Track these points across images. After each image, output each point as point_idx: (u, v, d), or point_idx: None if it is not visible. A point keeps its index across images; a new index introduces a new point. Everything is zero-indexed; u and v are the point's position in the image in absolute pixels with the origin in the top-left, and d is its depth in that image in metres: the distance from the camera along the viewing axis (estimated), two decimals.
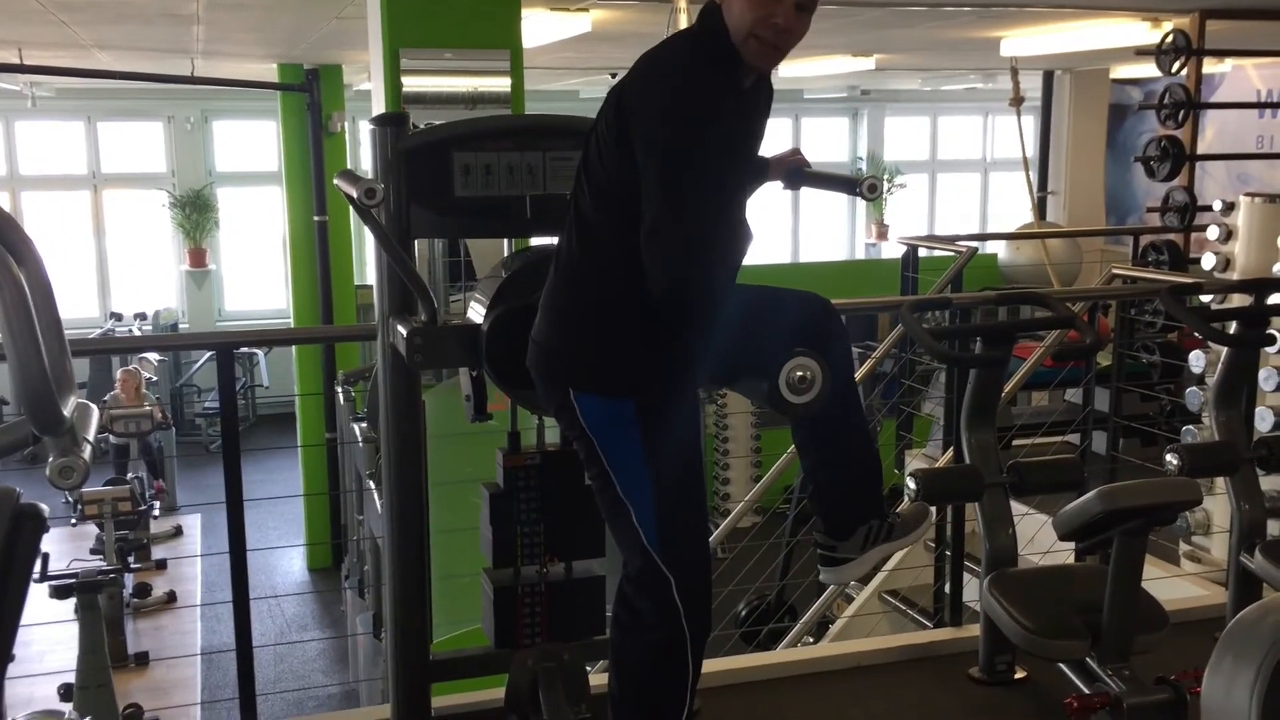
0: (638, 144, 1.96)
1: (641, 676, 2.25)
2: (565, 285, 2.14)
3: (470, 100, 4.51)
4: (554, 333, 2.15)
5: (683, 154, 1.92)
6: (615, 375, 2.10)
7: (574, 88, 11.63)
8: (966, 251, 5.52)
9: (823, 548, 2.52)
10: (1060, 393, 6.23)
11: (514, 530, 2.58)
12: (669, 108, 1.95)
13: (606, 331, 2.10)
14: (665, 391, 2.11)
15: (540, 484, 2.58)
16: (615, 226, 2.03)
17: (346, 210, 9.23)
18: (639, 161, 1.96)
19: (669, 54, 2.05)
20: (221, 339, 3.10)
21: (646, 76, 2.02)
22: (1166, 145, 5.68)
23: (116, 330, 11.46)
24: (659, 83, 2.00)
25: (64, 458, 1.84)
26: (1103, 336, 3.82)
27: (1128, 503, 2.57)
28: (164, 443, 9.82)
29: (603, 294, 2.09)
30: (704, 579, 2.20)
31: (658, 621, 2.16)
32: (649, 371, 2.10)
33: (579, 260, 2.11)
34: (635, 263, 1.98)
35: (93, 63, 7.97)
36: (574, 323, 2.13)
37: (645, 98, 1.99)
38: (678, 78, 1.98)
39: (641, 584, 2.17)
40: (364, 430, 6.63)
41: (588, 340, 2.12)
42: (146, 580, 7.90)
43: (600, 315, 2.10)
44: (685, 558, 2.15)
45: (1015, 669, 3.17)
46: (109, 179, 12.25)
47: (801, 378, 2.15)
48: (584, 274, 2.11)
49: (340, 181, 2.28)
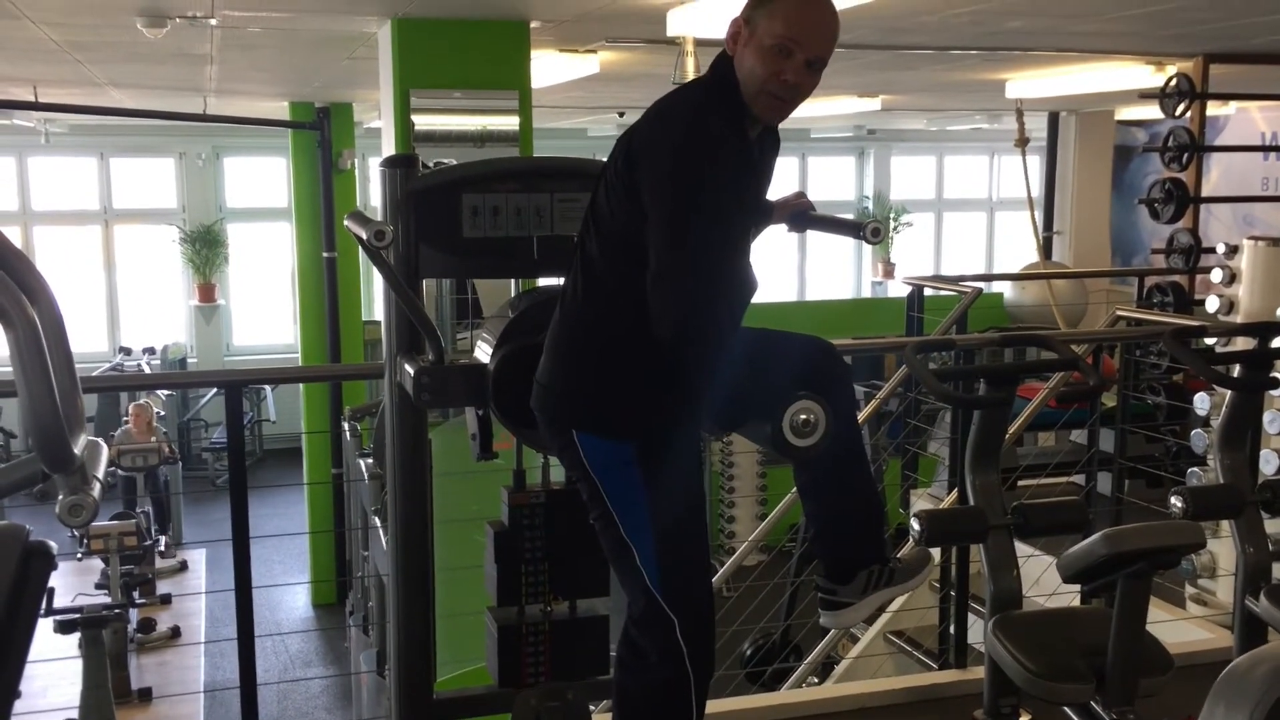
0: (645, 190, 1.99)
1: (645, 717, 2.25)
2: (570, 327, 2.16)
3: (479, 139, 4.56)
4: (558, 374, 2.17)
5: (689, 201, 1.95)
6: (618, 417, 2.12)
7: (582, 126, 11.72)
8: (972, 292, 5.54)
9: (823, 591, 2.52)
10: (1065, 433, 6.23)
11: (518, 568, 2.58)
12: (676, 155, 1.98)
13: (610, 373, 2.12)
14: (668, 434, 2.13)
15: (545, 522, 2.58)
16: (621, 270, 2.06)
17: (355, 247, 9.26)
18: (646, 207, 1.99)
19: (679, 103, 2.09)
20: (230, 377, 3.12)
21: (656, 125, 2.05)
22: (1171, 187, 5.72)
23: (125, 365, 11.51)
24: (667, 131, 2.03)
25: (73, 496, 1.86)
26: (1107, 378, 3.83)
27: (1131, 546, 2.57)
28: (170, 477, 9.84)
29: (607, 336, 2.11)
30: (707, 620, 2.21)
31: (661, 662, 2.17)
32: (652, 414, 2.11)
33: (584, 302, 2.14)
34: (640, 306, 2.00)
35: (106, 100, 8.06)
36: (578, 364, 2.15)
37: (653, 145, 2.02)
38: (686, 126, 2.01)
39: (645, 625, 2.17)
40: (370, 466, 6.64)
41: (591, 382, 2.14)
42: (151, 615, 7.89)
43: (604, 357, 2.12)
44: (688, 599, 2.16)
45: (1020, 712, 3.15)
46: (120, 214, 12.34)
47: (805, 421, 2.17)
48: (589, 316, 2.13)
49: (350, 223, 2.31)
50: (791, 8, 2.04)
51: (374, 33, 4.56)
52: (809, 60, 2.04)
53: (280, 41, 5.31)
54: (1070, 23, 4.96)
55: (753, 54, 2.05)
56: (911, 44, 5.32)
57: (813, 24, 2.05)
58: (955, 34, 5.20)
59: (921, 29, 4.93)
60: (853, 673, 4.92)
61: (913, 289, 6.01)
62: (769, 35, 2.03)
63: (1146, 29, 5.16)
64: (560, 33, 4.82)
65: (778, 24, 2.03)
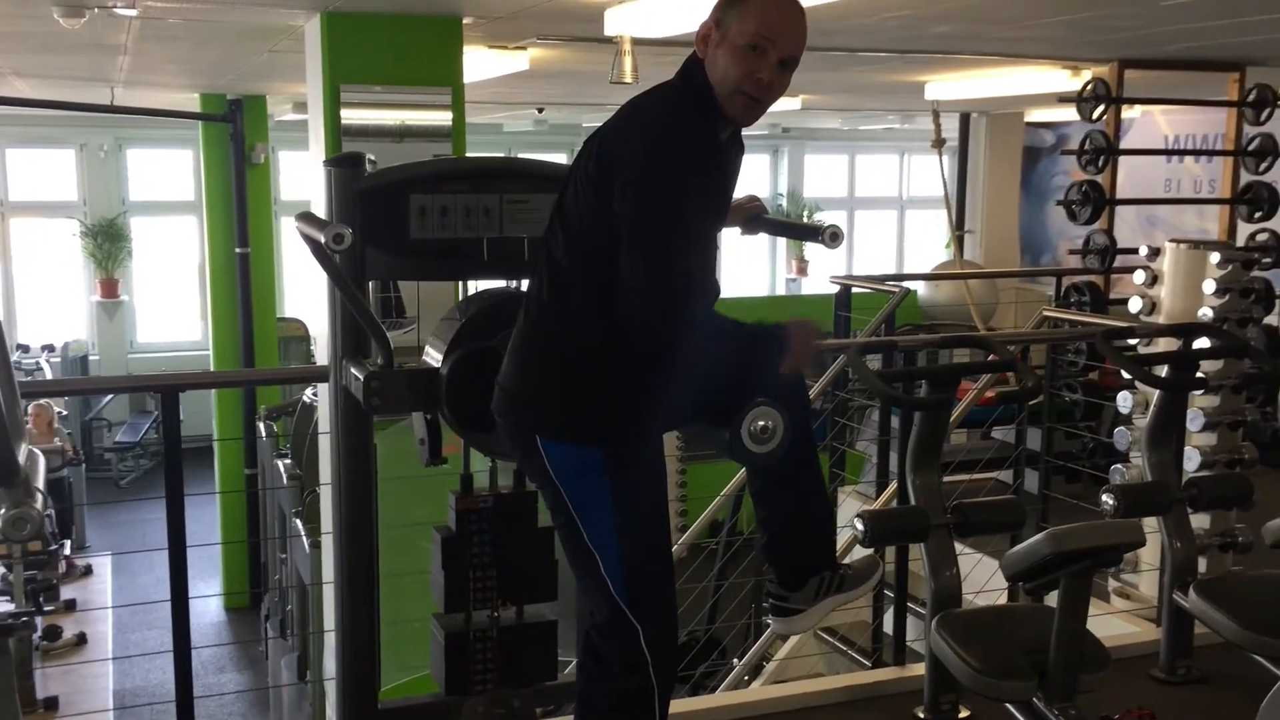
0: (617, 194, 1.97)
1: (606, 710, 2.22)
2: (535, 332, 2.13)
3: (409, 134, 4.48)
4: (522, 379, 2.13)
5: (663, 205, 1.94)
6: (583, 423, 2.09)
7: (498, 121, 11.63)
8: (900, 292, 5.61)
9: (774, 598, 2.52)
10: (976, 431, 6.35)
11: (466, 574, 2.54)
12: (650, 160, 1.97)
13: (576, 379, 2.10)
14: (634, 440, 2.11)
15: (493, 527, 2.55)
16: (589, 275, 2.04)
17: (270, 242, 9.10)
18: (617, 211, 1.96)
19: (650, 106, 2.07)
20: (167, 381, 3.02)
21: (628, 129, 2.03)
22: (1088, 190, 5.85)
23: (23, 363, 11.11)
24: (640, 135, 2.01)
25: (17, 509, 1.79)
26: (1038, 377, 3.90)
27: (1076, 545, 2.62)
28: (73, 479, 9.53)
29: (574, 342, 2.09)
30: (671, 628, 2.20)
31: (624, 671, 2.15)
32: (618, 420, 2.09)
33: (550, 307, 2.11)
34: (607, 311, 1.99)
35: (8, 89, 7.76)
36: (543, 370, 2.12)
37: (626, 149, 2.00)
38: (660, 130, 2.00)
39: (608, 633, 2.15)
40: (288, 467, 6.51)
41: (557, 388, 2.11)
42: (56, 623, 7.62)
43: (570, 363, 2.10)
44: (652, 607, 2.15)
45: (960, 708, 3.20)
46: (17, 207, 11.92)
47: (764, 428, 2.17)
48: (555, 322, 2.10)
49: (302, 224, 2.24)
50: (764, 6, 2.05)
51: (300, 25, 4.45)
52: (782, 59, 2.05)
53: (200, 33, 5.16)
54: (993, 28, 5.05)
55: (725, 54, 2.04)
56: (839, 45, 5.37)
57: (785, 22, 2.06)
58: (882, 37, 5.25)
59: (851, 31, 4.97)
60: (784, 672, 4.95)
61: (841, 288, 6.06)
62: (741, 35, 2.03)
63: (1065, 35, 5.28)
64: (492, 29, 4.76)
65: (750, 23, 2.03)
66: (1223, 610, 3.16)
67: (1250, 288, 4.05)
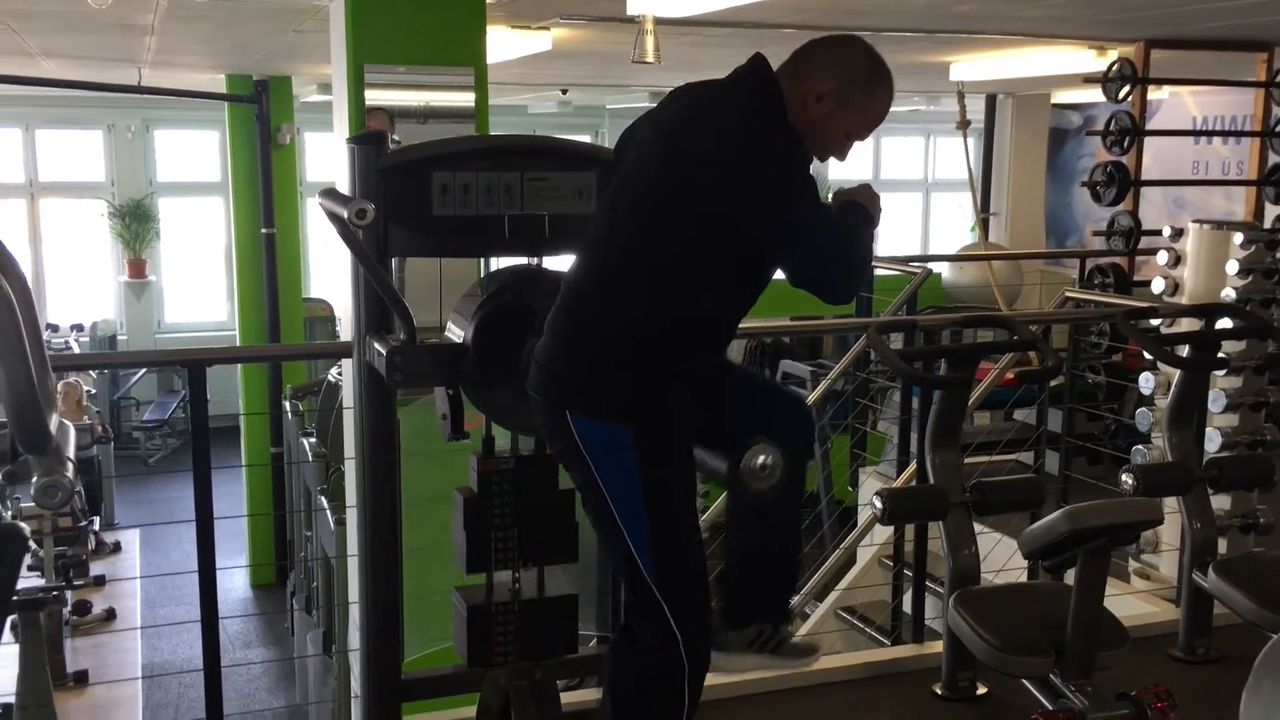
0: (748, 199, 2.06)
1: (634, 705, 2.24)
2: (578, 312, 2.15)
3: (427, 115, 4.50)
4: (562, 356, 2.15)
5: (808, 195, 2.09)
6: (617, 402, 2.12)
7: (523, 103, 11.63)
8: (921, 273, 5.61)
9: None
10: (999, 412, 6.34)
11: (488, 535, 2.56)
12: (781, 163, 2.10)
13: (614, 360, 2.12)
14: (666, 421, 2.14)
15: (514, 488, 2.56)
16: (641, 263, 2.10)
17: (295, 223, 9.16)
18: (748, 214, 2.06)
19: (771, 123, 2.12)
20: (190, 356, 3.07)
21: (752, 159, 2.08)
22: (1113, 170, 5.82)
23: (53, 342, 11.23)
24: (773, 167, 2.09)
25: (49, 477, 1.82)
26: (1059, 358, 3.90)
27: (1094, 522, 2.63)
28: (102, 457, 9.64)
29: (618, 323, 2.12)
30: (701, 607, 2.20)
31: (654, 649, 2.17)
32: (652, 400, 2.13)
33: (596, 290, 2.15)
34: (659, 297, 2.08)
35: (37, 70, 7.82)
36: (583, 347, 2.14)
37: (747, 157, 2.07)
38: (786, 162, 2.11)
39: (639, 611, 2.18)
40: (314, 445, 6.56)
41: (595, 365, 2.13)
42: (86, 598, 7.73)
43: (610, 344, 2.12)
44: (682, 585, 2.16)
45: (978, 685, 3.23)
46: (46, 188, 12.02)
47: (763, 465, 2.22)
48: (600, 304, 2.14)
49: (326, 201, 2.27)
50: (883, 110, 2.23)
51: (325, 5, 4.47)
52: None
53: (226, 13, 5.19)
54: (1018, 7, 5.02)
55: (830, 128, 2.18)
56: (864, 26, 5.34)
57: (884, 119, 2.27)
58: (907, 16, 5.23)
59: (876, 11, 4.96)
60: None
61: None
62: (852, 125, 2.20)
63: (1091, 14, 5.24)
64: (514, 9, 4.77)
65: (865, 120, 2.22)
66: (1242, 590, 3.17)
67: (1274, 269, 4.04)
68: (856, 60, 2.18)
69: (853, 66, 2.17)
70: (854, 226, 2.19)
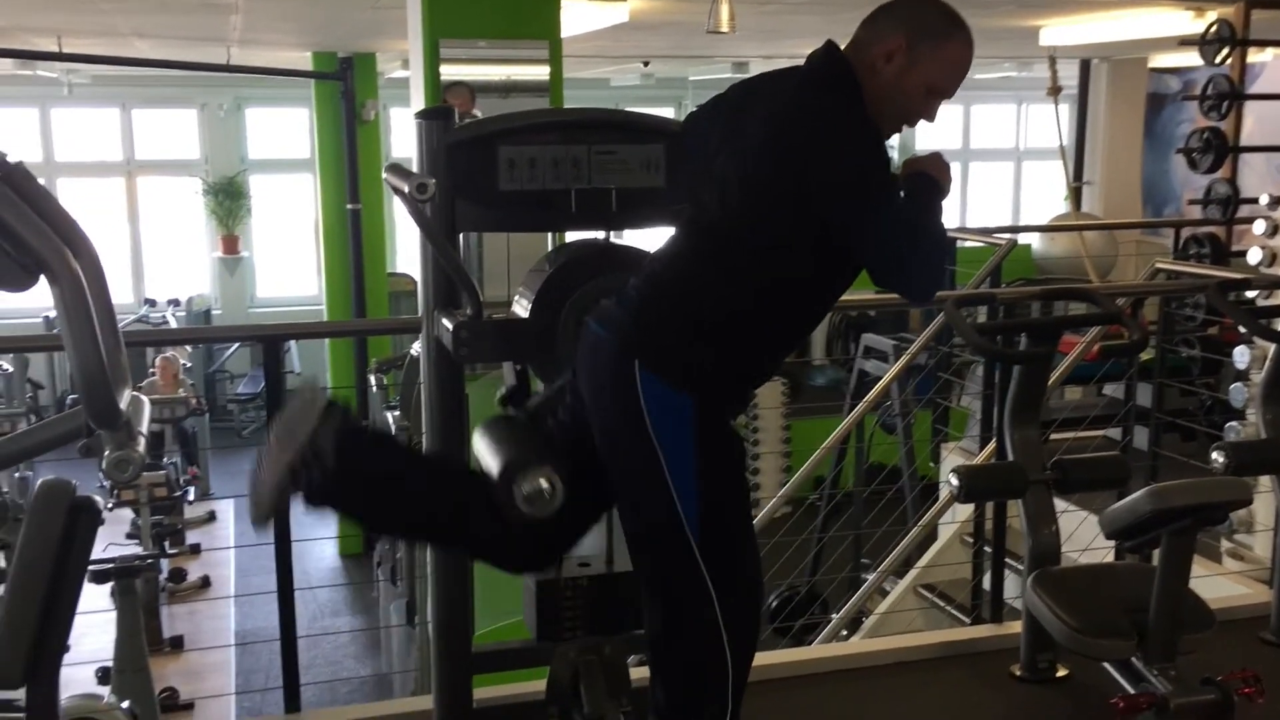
0: (844, 210, 2.02)
1: (681, 696, 2.21)
2: (669, 286, 2.13)
3: (507, 89, 4.50)
4: (647, 307, 2.12)
5: (894, 196, 2.05)
6: (684, 368, 2.09)
7: (605, 76, 11.61)
8: (1006, 244, 5.48)
9: None
10: (1093, 387, 6.18)
11: None
12: (873, 164, 2.03)
13: (699, 330, 2.09)
14: (723, 399, 2.14)
15: None
16: (747, 250, 2.09)
17: (380, 198, 9.27)
18: (849, 225, 2.02)
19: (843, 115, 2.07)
20: (267, 331, 3.11)
21: (837, 153, 2.03)
22: (1209, 137, 5.62)
23: (150, 317, 11.54)
24: (856, 145, 2.03)
25: (119, 451, 1.85)
26: (1145, 331, 3.78)
27: (1178, 502, 2.54)
28: (198, 429, 9.89)
29: (706, 306, 2.10)
30: (742, 579, 2.16)
31: (697, 637, 2.14)
32: (722, 379, 2.11)
33: (696, 265, 2.13)
34: (744, 288, 2.07)
35: (130, 50, 8.01)
36: (668, 314, 2.11)
37: (841, 167, 2.02)
38: (871, 151, 2.05)
39: (676, 583, 2.14)
40: (397, 419, 6.65)
41: (676, 331, 2.10)
42: (181, 565, 7.96)
43: (696, 318, 2.10)
44: (730, 565, 2.12)
45: (1057, 667, 3.15)
46: (143, 166, 12.32)
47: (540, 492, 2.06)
48: (686, 283, 2.12)
49: (390, 176, 2.28)
50: (961, 59, 2.10)
51: None
52: None
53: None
54: None
55: (908, 85, 2.08)
56: None
57: (967, 71, 2.13)
58: None
59: None
60: (882, 627, 4.92)
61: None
62: (929, 79, 2.08)
63: None
64: None
65: (943, 72, 2.09)
66: None
67: None
68: (923, 10, 2.10)
69: (919, 16, 2.09)
70: (925, 213, 2.10)
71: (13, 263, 1.72)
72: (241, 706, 6.28)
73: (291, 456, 2.10)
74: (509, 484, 2.07)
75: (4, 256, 1.71)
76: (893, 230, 2.02)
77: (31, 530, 1.85)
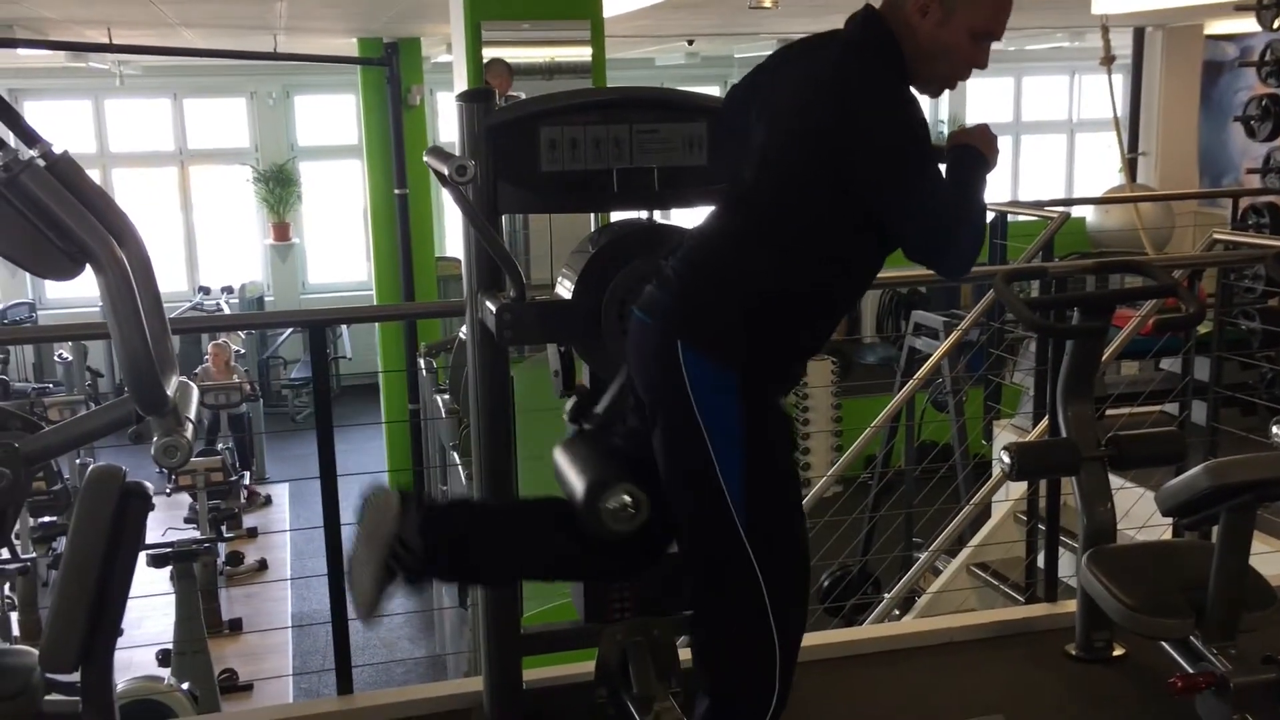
0: (876, 177, 1.99)
1: (726, 673, 2.20)
2: (708, 263, 2.11)
3: (551, 71, 4.49)
4: (684, 291, 2.10)
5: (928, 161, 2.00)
6: (730, 345, 2.07)
7: (649, 55, 11.56)
8: (1059, 217, 5.38)
9: None
10: (1150, 362, 6.08)
11: None
12: (910, 137, 1.99)
13: (741, 307, 2.07)
14: (769, 375, 2.11)
15: None
16: (787, 223, 2.06)
17: (427, 183, 9.31)
18: (881, 192, 1.99)
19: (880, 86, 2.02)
20: (312, 317, 3.13)
21: (868, 118, 2.00)
22: (1268, 104, 5.48)
23: (205, 304, 11.70)
24: (892, 118, 2.00)
25: (168, 437, 1.87)
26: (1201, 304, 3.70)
27: (1237, 478, 2.49)
28: (252, 414, 10.03)
29: (746, 280, 2.07)
30: (791, 564, 2.14)
31: (744, 620, 2.11)
32: (764, 354, 2.08)
33: (735, 241, 2.11)
34: (798, 257, 2.04)
35: (179, 41, 8.10)
36: (708, 291, 2.09)
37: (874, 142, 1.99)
38: (894, 99, 2.01)
39: (723, 566, 2.12)
40: (447, 402, 6.69)
41: (716, 307, 2.08)
42: (238, 549, 8.09)
43: (736, 293, 2.08)
44: (775, 541, 2.10)
45: (1114, 646, 3.11)
46: (195, 155, 12.48)
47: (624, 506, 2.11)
48: (739, 255, 2.09)
49: (430, 158, 2.28)
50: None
51: None
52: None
53: None
54: None
55: (949, 37, 2.02)
56: None
57: (1011, 5, 2.06)
58: None
59: None
60: (935, 606, 4.88)
61: (995, 215, 5.85)
62: (975, 22, 2.02)
63: None
64: None
65: (984, 12, 2.02)
66: None
67: None
68: None
69: None
70: (966, 188, 2.06)
71: (58, 251, 1.73)
72: (299, 688, 6.37)
73: (381, 555, 2.19)
74: (594, 506, 2.12)
75: (50, 245, 1.73)
76: (928, 205, 1.97)
77: (83, 516, 1.88)
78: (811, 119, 2.02)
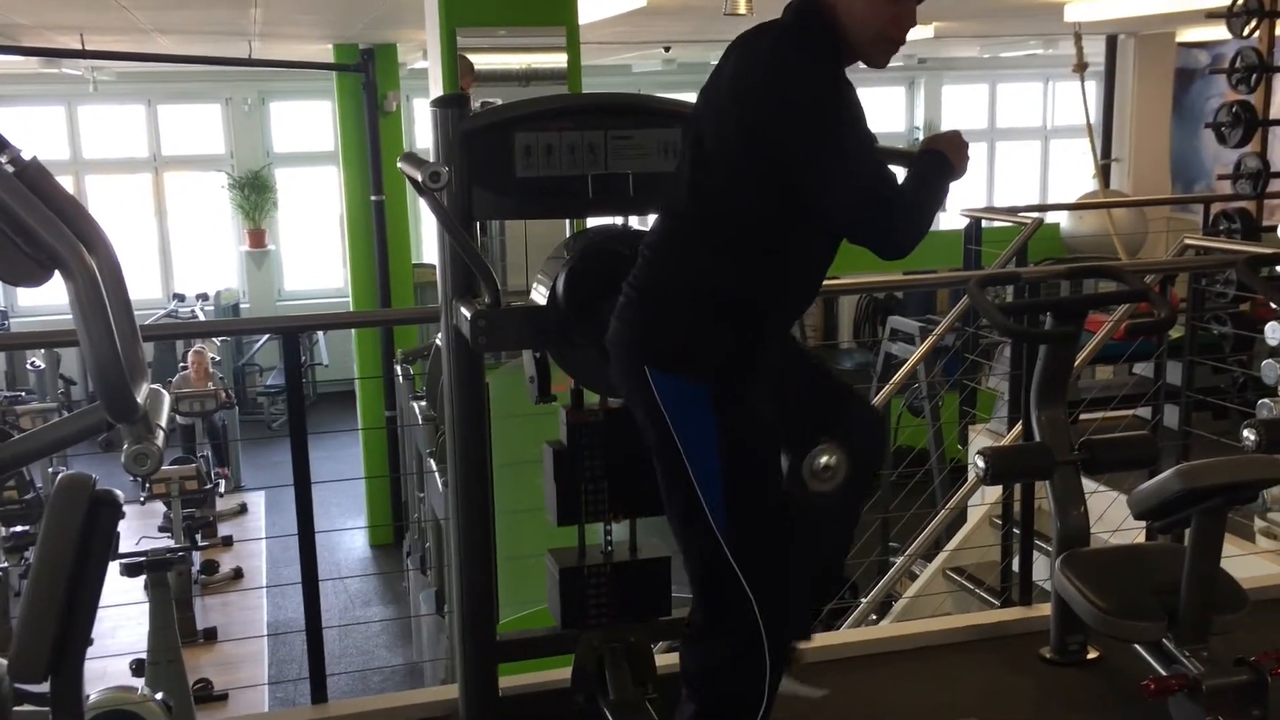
0: (793, 144, 1.97)
1: (715, 686, 2.20)
2: (656, 270, 2.11)
3: (527, 77, 4.49)
4: (638, 311, 2.11)
5: (834, 132, 1.97)
6: (697, 356, 2.07)
7: (626, 62, 11.57)
8: (1032, 223, 5.42)
9: None
10: (1124, 365, 6.12)
11: (578, 487, 2.55)
12: (832, 111, 1.97)
13: (691, 318, 2.08)
14: (744, 380, 2.10)
15: (604, 440, 2.55)
16: (717, 221, 2.06)
17: (403, 189, 9.28)
18: (790, 160, 1.97)
19: (795, 60, 2.01)
20: (285, 323, 3.12)
21: (773, 81, 1.99)
22: (1238, 110, 5.54)
23: (179, 311, 11.63)
24: (800, 87, 1.98)
25: (138, 445, 1.85)
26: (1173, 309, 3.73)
27: (1207, 481, 2.51)
28: (228, 422, 9.96)
29: (694, 282, 2.08)
30: (779, 577, 2.14)
31: (731, 626, 2.12)
32: (728, 359, 2.08)
33: (674, 248, 2.11)
34: (730, 257, 2.04)
35: (152, 46, 8.05)
36: (660, 304, 2.10)
37: (784, 104, 1.98)
38: (815, 78, 1.99)
39: (712, 584, 2.13)
40: (424, 409, 6.67)
41: (671, 322, 2.09)
42: (213, 558, 8.03)
43: (688, 301, 2.08)
44: (760, 555, 2.10)
45: (1088, 649, 3.12)
46: (169, 161, 12.40)
47: (826, 466, 2.15)
48: (680, 263, 2.10)
49: (404, 164, 2.27)
50: None
51: None
52: None
53: None
54: None
55: (867, 2, 2.03)
56: None
57: None
58: None
59: None
60: (912, 610, 4.90)
61: (970, 221, 5.88)
62: None
63: None
64: None
65: None
66: None
67: None
68: None
69: None
70: (922, 181, 2.07)
71: (26, 258, 1.72)
72: (275, 697, 6.33)
73: None
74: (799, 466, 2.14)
75: (17, 251, 1.71)
76: (852, 174, 1.96)
77: (51, 525, 1.86)
78: (747, 109, 2.01)
